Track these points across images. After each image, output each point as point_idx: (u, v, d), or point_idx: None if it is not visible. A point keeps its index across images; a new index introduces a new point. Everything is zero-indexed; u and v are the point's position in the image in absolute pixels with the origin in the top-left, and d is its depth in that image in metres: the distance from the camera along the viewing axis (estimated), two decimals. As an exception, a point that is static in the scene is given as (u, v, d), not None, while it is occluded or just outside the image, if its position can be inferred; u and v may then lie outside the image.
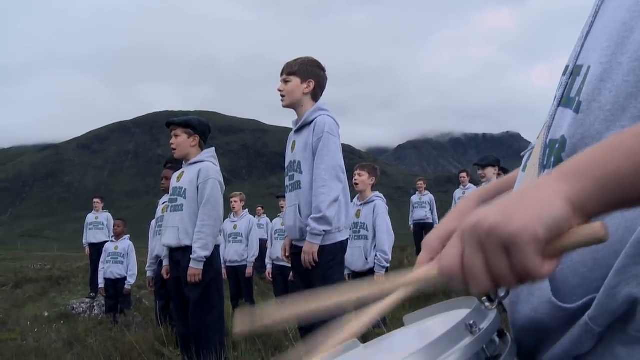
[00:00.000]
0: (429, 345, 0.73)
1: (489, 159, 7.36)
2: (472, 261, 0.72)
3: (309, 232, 3.81)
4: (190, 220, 4.83)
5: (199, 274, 4.69)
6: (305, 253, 3.84)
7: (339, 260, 4.01)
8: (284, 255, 4.27)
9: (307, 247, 3.83)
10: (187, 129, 4.98)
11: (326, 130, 3.90)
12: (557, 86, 0.98)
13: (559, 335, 0.84)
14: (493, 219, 0.70)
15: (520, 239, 0.68)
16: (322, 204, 3.78)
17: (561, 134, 0.89)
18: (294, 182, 4.04)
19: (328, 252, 3.86)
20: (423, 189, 13.95)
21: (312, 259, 3.80)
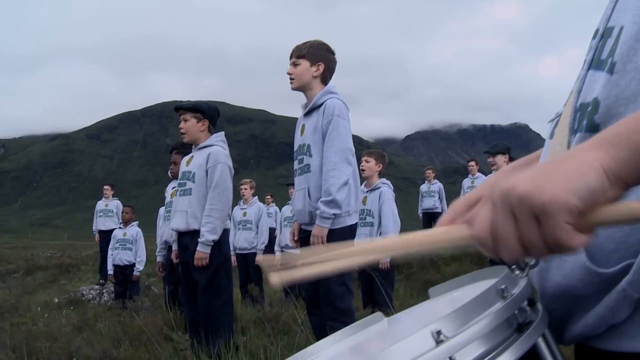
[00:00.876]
0: (459, 310, 0.71)
1: (499, 147, 7.32)
2: (503, 228, 0.70)
3: (318, 216, 3.76)
4: (199, 204, 4.82)
5: (206, 257, 4.68)
6: (314, 236, 3.78)
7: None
8: (292, 240, 4.21)
9: (316, 231, 3.77)
10: (197, 113, 4.96)
11: (336, 113, 3.84)
12: (587, 50, 0.95)
13: (593, 303, 0.81)
14: (525, 187, 0.68)
15: (552, 209, 0.66)
16: (332, 187, 3.72)
17: (593, 96, 0.86)
18: (303, 166, 3.99)
19: (337, 236, 3.78)
20: (432, 177, 13.83)
21: (322, 243, 3.74)
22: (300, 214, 4.00)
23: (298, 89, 4.07)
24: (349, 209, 3.87)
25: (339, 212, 3.77)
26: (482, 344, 0.71)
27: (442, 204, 13.66)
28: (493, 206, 0.72)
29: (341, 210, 3.79)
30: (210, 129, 5.06)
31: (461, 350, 0.68)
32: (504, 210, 0.70)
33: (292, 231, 4.19)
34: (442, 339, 0.67)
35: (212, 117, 5.07)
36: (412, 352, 0.66)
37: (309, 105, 4.03)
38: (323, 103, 3.93)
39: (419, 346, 0.66)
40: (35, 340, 5.39)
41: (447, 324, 0.69)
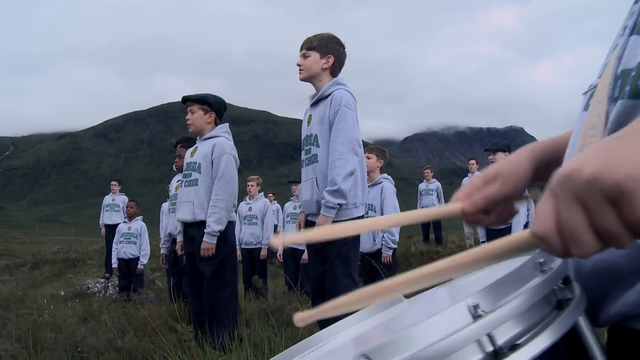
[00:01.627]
0: (496, 284, 0.65)
1: (500, 144, 7.36)
2: (571, 220, 0.60)
3: (323, 205, 3.73)
4: (205, 194, 4.83)
5: (212, 248, 4.69)
6: (319, 226, 3.71)
7: (354, 240, 3.93)
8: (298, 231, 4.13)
9: (320, 220, 3.74)
10: (204, 105, 4.97)
11: (343, 103, 3.81)
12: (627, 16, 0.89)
13: (636, 280, 0.75)
14: (592, 167, 0.58)
15: (629, 187, 0.56)
16: (337, 177, 3.69)
17: (638, 60, 0.79)
18: (310, 156, 3.96)
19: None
20: (430, 177, 13.88)
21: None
22: (308, 204, 3.96)
23: (306, 79, 4.06)
24: (355, 200, 3.84)
25: (344, 202, 3.73)
26: (521, 321, 0.65)
27: (441, 202, 13.65)
28: (554, 197, 0.62)
29: (346, 200, 3.73)
30: (216, 121, 5.07)
31: (500, 327, 0.62)
32: (568, 199, 0.60)
33: (299, 222, 4.15)
34: (479, 313, 0.61)
35: (219, 109, 5.08)
36: (448, 327, 0.60)
37: (316, 96, 4.02)
38: (330, 94, 3.92)
39: (456, 321, 0.61)
40: (40, 331, 5.42)
41: (484, 298, 0.63)
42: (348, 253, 3.82)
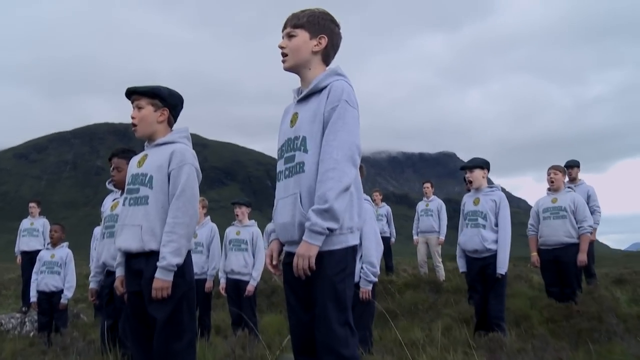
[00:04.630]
0: None
1: (477, 161, 6.53)
2: None
3: (307, 229, 2.80)
4: (158, 216, 3.73)
5: (168, 287, 3.59)
6: (299, 257, 2.80)
7: (350, 271, 2.98)
8: (270, 264, 3.15)
9: (302, 249, 2.80)
10: (154, 99, 3.91)
11: (344, 98, 2.95)
12: None
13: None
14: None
15: None
16: (329, 192, 2.79)
17: None
18: (293, 165, 3.03)
19: (338, 260, 2.87)
20: (379, 200, 13.06)
21: (309, 266, 2.78)
22: (286, 229, 3.01)
23: (292, 68, 3.14)
24: (351, 224, 2.93)
25: (335, 226, 2.81)
26: None
27: (390, 227, 12.94)
28: None
29: (338, 223, 2.82)
30: (170, 121, 4.01)
31: None
32: None
33: (270, 253, 3.16)
34: None
35: (174, 105, 4.03)
36: None
37: (306, 89, 3.08)
38: (327, 86, 3.01)
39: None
40: None
41: None
42: (344, 293, 2.87)
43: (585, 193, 8.67)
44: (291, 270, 2.91)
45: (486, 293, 6.20)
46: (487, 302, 6.15)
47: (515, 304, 7.33)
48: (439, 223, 11.91)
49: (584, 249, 7.28)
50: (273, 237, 3.17)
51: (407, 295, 9.91)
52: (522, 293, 8.77)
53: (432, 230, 11.90)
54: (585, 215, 7.30)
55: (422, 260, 12.38)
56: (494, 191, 6.37)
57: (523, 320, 6.59)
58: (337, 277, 2.87)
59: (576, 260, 7.22)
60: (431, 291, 10.41)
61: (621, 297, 8.40)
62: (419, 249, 12.21)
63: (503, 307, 6.13)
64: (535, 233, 7.62)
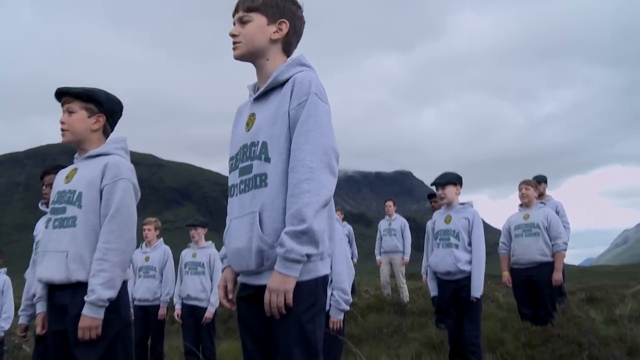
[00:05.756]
0: None
1: (449, 177, 6.08)
2: None
3: (280, 257, 2.26)
4: (87, 241, 3.10)
5: (98, 326, 2.97)
6: (272, 292, 2.27)
7: (321, 306, 2.42)
8: (224, 298, 2.63)
9: (275, 282, 2.26)
10: (89, 103, 3.33)
11: (313, 90, 2.43)
12: None
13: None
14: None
15: None
16: (306, 209, 2.26)
17: None
18: (252, 177, 2.47)
19: (306, 294, 2.33)
20: (341, 220, 12.69)
21: (285, 303, 2.26)
22: (241, 255, 2.45)
23: (246, 57, 2.63)
24: (323, 249, 2.36)
25: (315, 251, 2.29)
26: None
27: (352, 247, 12.58)
28: None
29: (318, 248, 2.30)
30: (106, 129, 3.43)
31: None
32: None
33: (223, 284, 2.62)
34: None
35: (112, 112, 3.44)
36: None
37: (265, 84, 2.57)
38: (290, 78, 2.51)
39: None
40: None
41: None
42: (313, 335, 2.35)
43: (554, 209, 8.41)
44: (247, 306, 2.47)
45: (460, 318, 5.77)
46: (461, 328, 5.74)
47: (486, 327, 6.97)
48: (403, 243, 11.56)
49: (558, 267, 6.97)
50: (225, 264, 2.63)
51: (370, 318, 9.53)
52: (492, 314, 8.46)
53: (396, 250, 11.55)
54: (559, 232, 6.99)
55: (385, 282, 12.01)
56: (467, 208, 5.96)
57: (498, 345, 6.22)
58: (305, 315, 2.32)
59: (550, 280, 6.91)
60: (395, 314, 10.07)
61: (597, 318, 8.13)
62: (382, 270, 11.84)
63: (478, 332, 5.71)
64: (507, 251, 7.28)
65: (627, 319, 7.87)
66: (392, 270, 11.69)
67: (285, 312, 2.28)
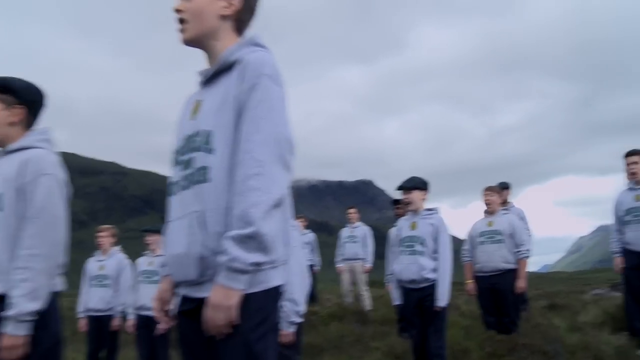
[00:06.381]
0: None
1: (415, 181, 5.88)
2: None
3: (225, 267, 1.93)
4: (7, 248, 2.72)
5: (23, 344, 2.59)
6: (214, 308, 1.94)
7: (273, 323, 2.11)
8: (159, 312, 2.31)
9: (218, 297, 1.94)
10: (5, 94, 2.94)
11: (265, 72, 2.11)
12: None
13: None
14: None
15: None
16: (253, 210, 1.93)
17: None
18: (193, 172, 2.14)
19: (255, 308, 2.01)
20: (303, 227, 12.52)
21: (229, 321, 1.94)
22: (180, 262, 2.11)
23: (194, 40, 2.30)
24: (275, 256, 2.04)
25: (264, 259, 1.96)
26: None
27: (315, 256, 12.43)
28: None
29: (268, 255, 1.98)
30: (28, 121, 3.02)
31: None
32: None
33: (160, 296, 2.29)
34: None
35: (33, 102, 3.03)
36: None
37: (213, 67, 2.27)
38: (241, 59, 2.17)
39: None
40: None
41: None
42: (264, 356, 2.02)
43: (518, 215, 8.36)
44: (188, 322, 2.13)
45: (425, 328, 5.60)
46: (426, 338, 5.58)
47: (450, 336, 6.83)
48: (365, 250, 11.41)
49: (522, 274, 6.90)
50: (164, 272, 2.30)
51: (332, 327, 9.34)
52: (455, 322, 8.34)
53: (358, 257, 11.39)
54: (522, 238, 6.91)
55: (347, 289, 11.84)
56: (433, 215, 5.79)
57: (462, 354, 6.10)
58: (253, 333, 1.99)
59: (514, 288, 6.82)
60: (357, 322, 9.92)
61: (561, 325, 8.08)
62: (344, 278, 11.67)
63: (444, 342, 5.54)
64: (471, 259, 7.18)
65: (591, 326, 7.84)
66: (354, 277, 11.54)
67: (230, 330, 1.96)
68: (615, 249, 6.95)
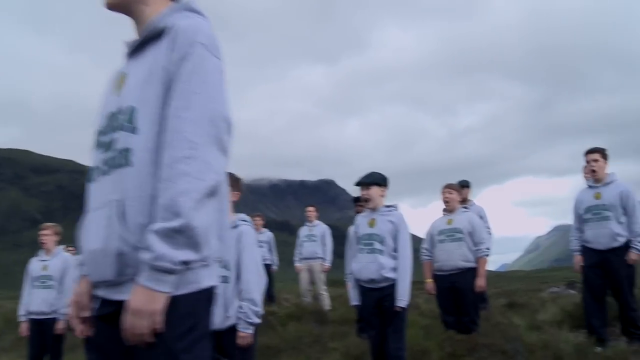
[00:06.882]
0: None
1: (375, 177, 5.63)
2: None
3: (148, 266, 1.67)
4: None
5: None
6: (134, 314, 1.67)
7: (203, 330, 1.82)
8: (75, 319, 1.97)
9: (139, 300, 1.67)
10: None
11: (200, 40, 1.83)
12: None
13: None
14: None
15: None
16: (182, 199, 1.67)
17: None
18: (114, 155, 1.86)
19: (184, 312, 1.74)
20: (260, 226, 12.33)
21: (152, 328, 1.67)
22: (98, 259, 1.83)
23: (119, 3, 2.02)
24: (207, 252, 1.77)
25: (195, 256, 1.70)
26: None
27: (272, 255, 12.25)
28: None
29: (200, 252, 1.71)
30: None
31: None
32: None
33: (76, 300, 1.96)
34: None
35: None
36: None
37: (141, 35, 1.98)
38: (171, 26, 1.88)
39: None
40: None
41: None
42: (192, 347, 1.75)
43: (478, 214, 8.27)
44: (105, 328, 1.84)
45: (384, 328, 5.39)
46: (385, 339, 5.38)
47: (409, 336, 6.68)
48: (323, 249, 11.24)
49: (482, 273, 6.80)
50: (82, 272, 1.97)
51: (290, 327, 9.14)
52: (415, 322, 8.21)
53: (316, 256, 11.22)
54: (482, 237, 6.80)
55: (305, 289, 11.65)
56: (392, 211, 5.56)
57: (422, 355, 5.96)
58: (180, 342, 1.73)
59: (473, 286, 6.70)
60: (316, 322, 9.73)
61: (520, 324, 8.02)
62: (302, 277, 11.49)
63: (403, 344, 5.34)
64: (430, 257, 7.03)
65: (549, 325, 7.79)
66: (313, 277, 11.37)
67: (152, 339, 1.68)
68: (575, 247, 6.91)
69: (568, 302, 9.17)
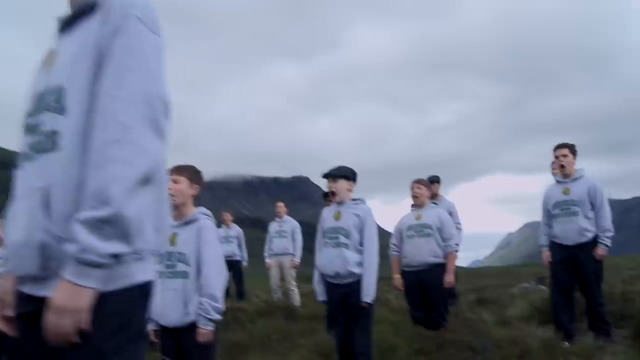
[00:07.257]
0: None
1: (343, 170, 5.51)
2: None
3: (73, 259, 1.51)
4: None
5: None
6: (57, 311, 1.51)
7: (137, 330, 1.69)
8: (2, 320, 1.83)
9: (63, 297, 1.51)
10: None
11: (135, 13, 1.67)
12: None
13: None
14: None
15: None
16: (112, 186, 1.52)
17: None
18: (41, 139, 1.70)
19: (113, 310, 1.60)
20: (230, 221, 12.25)
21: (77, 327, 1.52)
22: (20, 252, 1.68)
23: None
24: (142, 244, 1.63)
25: (126, 249, 1.56)
26: None
27: (242, 251, 12.14)
28: None
29: (131, 244, 1.57)
30: None
31: None
32: None
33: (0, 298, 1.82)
34: None
35: None
36: None
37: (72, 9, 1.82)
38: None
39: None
40: None
41: None
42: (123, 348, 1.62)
43: (447, 210, 8.22)
44: (28, 327, 1.69)
45: (350, 325, 5.27)
46: (351, 335, 5.27)
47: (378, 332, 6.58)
48: (294, 245, 11.15)
49: (451, 269, 6.74)
50: (6, 267, 1.79)
51: (259, 324, 9.02)
52: (384, 318, 8.14)
53: (286, 252, 11.14)
54: (451, 232, 6.73)
55: (275, 285, 11.56)
56: (359, 205, 5.43)
57: (389, 352, 5.87)
58: (109, 343, 1.58)
59: (442, 282, 6.64)
60: (286, 319, 9.62)
61: (489, 320, 7.99)
62: (272, 273, 11.40)
63: (369, 340, 5.21)
64: (399, 253, 6.95)
65: (518, 320, 7.78)
66: (283, 273, 11.28)
67: (78, 339, 1.53)
68: (544, 242, 6.91)
69: (537, 298, 9.18)
